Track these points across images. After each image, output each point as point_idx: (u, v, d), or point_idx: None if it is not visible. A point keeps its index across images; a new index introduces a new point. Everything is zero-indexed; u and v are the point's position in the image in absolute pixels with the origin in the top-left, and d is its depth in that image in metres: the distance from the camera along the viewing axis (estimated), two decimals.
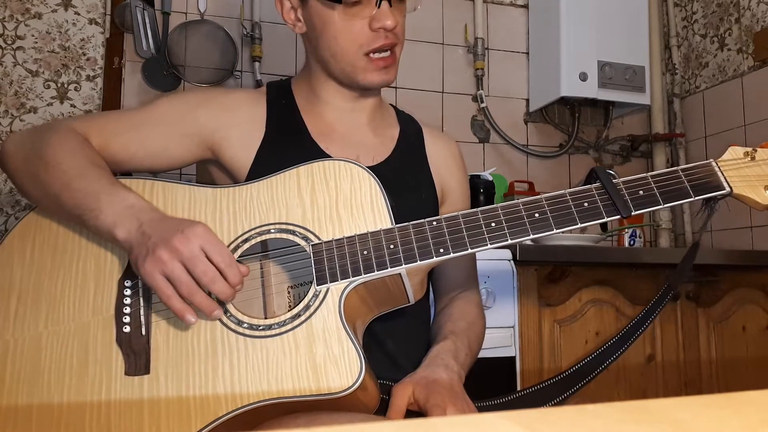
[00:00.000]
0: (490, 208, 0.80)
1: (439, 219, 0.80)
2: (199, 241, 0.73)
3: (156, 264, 0.72)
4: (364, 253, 0.78)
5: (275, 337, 0.76)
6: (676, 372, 1.82)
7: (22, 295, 0.82)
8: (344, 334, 0.75)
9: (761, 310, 1.86)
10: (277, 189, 0.85)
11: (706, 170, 0.79)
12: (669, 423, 0.30)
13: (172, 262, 0.72)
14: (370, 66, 0.94)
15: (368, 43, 0.92)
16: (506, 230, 0.78)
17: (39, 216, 0.88)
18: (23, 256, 0.85)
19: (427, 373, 0.85)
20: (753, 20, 2.24)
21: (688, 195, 0.78)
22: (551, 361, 1.69)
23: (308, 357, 0.74)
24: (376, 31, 0.91)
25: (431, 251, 0.78)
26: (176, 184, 0.87)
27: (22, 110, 1.90)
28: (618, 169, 2.44)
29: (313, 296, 0.78)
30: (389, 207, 0.82)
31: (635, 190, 0.78)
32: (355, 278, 0.78)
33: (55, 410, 0.75)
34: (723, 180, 0.78)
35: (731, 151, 0.81)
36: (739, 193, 0.78)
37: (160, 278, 0.72)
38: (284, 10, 0.99)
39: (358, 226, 0.81)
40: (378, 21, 0.91)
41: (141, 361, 0.76)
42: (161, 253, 0.72)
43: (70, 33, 1.96)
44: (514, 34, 2.42)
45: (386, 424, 0.30)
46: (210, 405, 0.73)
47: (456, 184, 1.09)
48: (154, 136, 0.94)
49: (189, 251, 0.72)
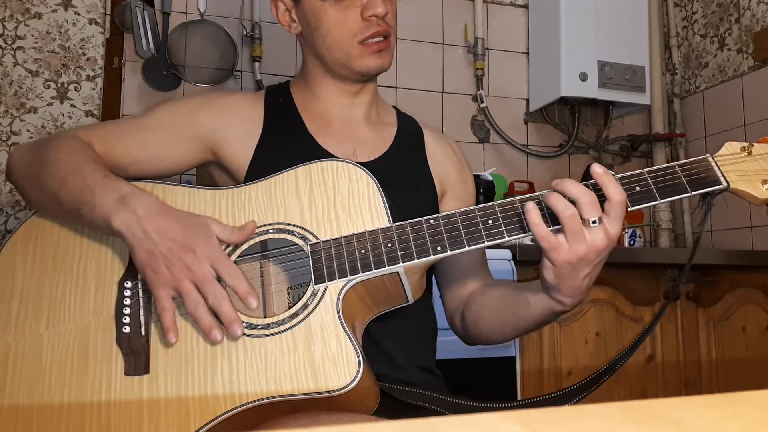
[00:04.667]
0: (488, 206, 0.80)
1: (436, 217, 0.80)
2: (210, 261, 0.76)
3: (167, 281, 0.76)
4: (361, 252, 0.79)
5: (273, 336, 0.76)
6: (676, 372, 1.82)
7: (23, 297, 0.83)
8: (342, 332, 0.75)
9: (761, 310, 1.86)
10: (276, 190, 0.85)
11: (703, 165, 0.79)
12: (669, 423, 0.30)
13: (185, 282, 0.75)
14: (365, 52, 0.97)
15: (361, 32, 0.95)
16: (503, 227, 0.78)
17: (41, 218, 0.89)
18: (25, 258, 0.86)
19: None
20: (753, 20, 2.24)
21: (685, 190, 0.77)
22: (551, 361, 1.70)
23: (306, 355, 0.74)
24: (368, 20, 0.95)
25: (429, 249, 0.78)
26: (176, 186, 0.88)
27: (22, 110, 1.90)
28: (618, 169, 2.44)
29: (311, 295, 0.78)
30: (387, 206, 0.82)
31: (632, 186, 0.78)
32: (353, 277, 0.78)
33: (56, 410, 0.76)
34: (720, 175, 0.78)
35: (728, 146, 0.80)
36: (736, 187, 0.78)
37: (171, 292, 0.76)
38: (279, 13, 1.03)
39: (356, 225, 0.81)
40: (369, 9, 0.94)
41: (140, 361, 0.77)
42: (174, 270, 0.75)
43: (70, 33, 1.96)
44: (514, 34, 2.42)
45: (386, 424, 0.30)
46: (209, 404, 0.74)
47: (457, 177, 1.09)
48: (155, 140, 0.95)
49: (201, 273, 0.75)
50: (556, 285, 0.79)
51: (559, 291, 0.80)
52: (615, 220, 0.75)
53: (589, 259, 0.76)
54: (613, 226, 0.75)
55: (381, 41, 0.97)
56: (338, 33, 0.96)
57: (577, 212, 0.74)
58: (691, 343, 1.85)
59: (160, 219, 0.78)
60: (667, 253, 2.02)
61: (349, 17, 0.95)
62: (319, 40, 0.98)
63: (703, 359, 1.85)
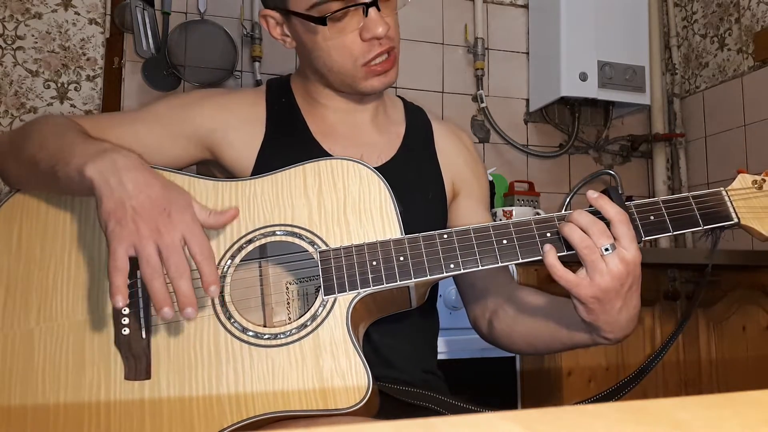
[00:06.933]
0: (502, 224, 0.79)
1: (450, 232, 0.78)
2: (183, 231, 0.69)
3: (130, 235, 0.68)
4: (373, 264, 0.77)
5: (281, 347, 0.74)
6: (676, 372, 1.82)
7: (10, 287, 0.78)
8: (351, 347, 0.74)
9: (761, 310, 1.86)
10: (283, 187, 0.82)
11: (716, 199, 0.80)
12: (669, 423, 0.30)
13: (148, 241, 0.68)
14: (369, 74, 0.91)
15: (363, 55, 0.89)
16: (517, 249, 0.77)
17: (24, 198, 0.82)
18: (9, 242, 0.80)
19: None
20: (753, 20, 2.24)
21: (698, 224, 0.78)
22: (551, 362, 1.69)
23: (315, 370, 0.73)
24: (369, 41, 0.88)
25: (442, 266, 0.77)
26: (175, 174, 0.83)
27: (22, 110, 1.90)
28: (618, 169, 2.44)
29: (321, 306, 0.76)
30: (399, 214, 0.80)
31: (646, 215, 0.78)
32: (363, 290, 0.76)
33: (51, 412, 0.73)
34: (732, 210, 0.79)
35: (741, 179, 0.81)
36: (746, 224, 0.79)
37: (130, 250, 0.68)
38: (270, 27, 0.95)
39: (367, 232, 0.79)
40: (368, 31, 0.86)
41: (141, 365, 0.74)
42: (141, 226, 0.68)
43: (70, 33, 1.96)
44: (514, 34, 2.42)
45: (386, 424, 0.30)
46: (215, 415, 0.72)
47: (470, 175, 1.05)
48: (149, 132, 0.92)
49: (170, 239, 0.68)
50: (592, 322, 0.78)
51: (598, 328, 0.78)
52: (627, 243, 0.73)
53: (615, 290, 0.74)
54: (627, 249, 0.73)
55: (386, 60, 0.90)
56: (339, 57, 0.89)
57: (593, 243, 0.73)
58: (691, 343, 1.84)
59: (139, 173, 0.71)
60: (667, 253, 2.02)
61: (348, 40, 0.88)
62: (318, 61, 0.92)
63: (703, 359, 1.85)
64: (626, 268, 0.73)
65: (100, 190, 0.70)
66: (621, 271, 0.73)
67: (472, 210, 1.04)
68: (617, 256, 0.73)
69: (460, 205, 1.04)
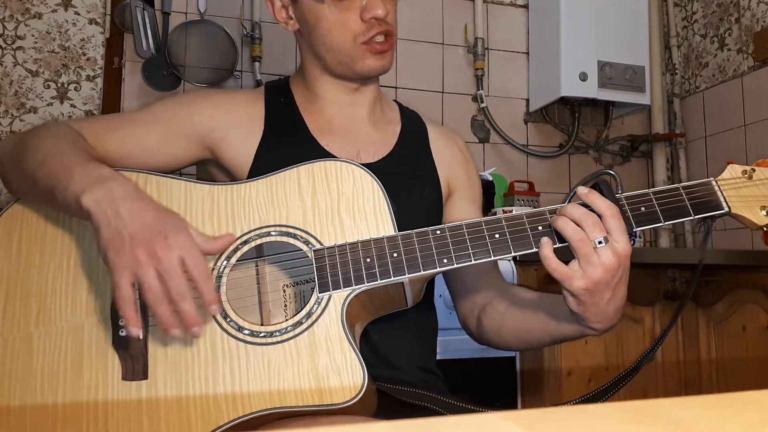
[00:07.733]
0: (494, 219, 0.80)
1: (443, 228, 0.79)
2: (180, 252, 0.70)
3: (129, 264, 0.69)
4: (366, 261, 0.78)
5: (277, 344, 0.75)
6: (676, 372, 1.82)
7: (10, 292, 0.79)
8: (347, 344, 0.74)
9: (761, 310, 1.86)
10: (277, 189, 0.83)
11: (706, 189, 0.81)
12: (669, 423, 0.30)
13: (148, 268, 0.69)
14: (366, 53, 0.95)
15: (362, 33, 0.93)
16: (510, 243, 0.78)
17: (24, 207, 0.84)
18: (9, 249, 0.81)
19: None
20: (753, 20, 2.24)
21: (689, 213, 0.79)
22: (551, 362, 1.69)
23: (310, 366, 0.73)
24: (368, 21, 0.93)
25: (435, 261, 0.78)
26: (172, 179, 0.85)
27: (22, 110, 1.90)
28: (618, 169, 2.44)
29: (315, 303, 0.77)
30: (392, 212, 0.81)
31: (637, 206, 0.79)
32: (357, 286, 0.77)
33: (50, 414, 0.74)
34: (722, 199, 0.80)
35: (730, 169, 0.82)
36: (737, 212, 0.80)
37: (132, 278, 0.70)
38: (275, 9, 1.00)
39: (360, 231, 0.80)
40: (369, 11, 0.92)
41: (138, 366, 0.75)
42: (139, 253, 0.69)
43: (70, 33, 1.96)
44: (514, 34, 2.42)
45: (386, 424, 0.30)
46: (211, 413, 0.72)
47: (464, 176, 1.07)
48: (148, 133, 0.93)
49: (168, 262, 0.69)
50: (581, 313, 0.79)
51: (586, 319, 0.80)
52: (618, 235, 0.74)
53: (605, 282, 0.75)
54: (619, 241, 0.74)
55: (383, 42, 0.95)
56: (338, 34, 0.94)
57: (586, 236, 0.74)
58: (691, 343, 1.84)
59: (135, 202, 0.73)
60: (667, 253, 2.02)
61: (349, 18, 0.93)
62: (318, 40, 0.96)
63: (703, 359, 1.85)
64: (618, 260, 0.75)
65: (97, 220, 0.71)
66: (613, 264, 0.74)
67: (467, 209, 1.05)
68: (609, 248, 0.74)
69: (454, 204, 1.05)
